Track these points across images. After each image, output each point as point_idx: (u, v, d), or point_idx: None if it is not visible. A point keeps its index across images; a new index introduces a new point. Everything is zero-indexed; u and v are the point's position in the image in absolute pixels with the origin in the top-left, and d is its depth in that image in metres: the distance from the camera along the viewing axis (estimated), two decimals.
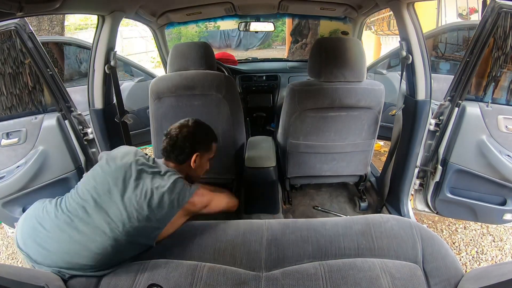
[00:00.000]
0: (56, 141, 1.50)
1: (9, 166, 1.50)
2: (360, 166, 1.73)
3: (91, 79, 1.48)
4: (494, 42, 1.37)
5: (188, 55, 1.63)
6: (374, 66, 2.57)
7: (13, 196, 1.51)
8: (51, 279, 0.86)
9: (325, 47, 1.47)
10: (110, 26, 1.42)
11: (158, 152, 1.70)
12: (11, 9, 0.83)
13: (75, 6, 1.23)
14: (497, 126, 1.43)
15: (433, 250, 0.93)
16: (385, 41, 6.12)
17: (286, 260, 0.94)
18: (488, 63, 1.42)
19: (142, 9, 1.82)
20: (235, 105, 1.62)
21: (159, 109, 1.61)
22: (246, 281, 0.87)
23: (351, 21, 2.39)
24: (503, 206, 1.53)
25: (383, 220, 1.01)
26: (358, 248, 0.94)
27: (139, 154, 1.13)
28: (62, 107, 1.48)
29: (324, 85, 1.47)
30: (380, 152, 3.17)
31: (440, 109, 1.49)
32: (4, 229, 2.06)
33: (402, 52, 1.42)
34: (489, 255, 1.85)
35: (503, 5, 1.28)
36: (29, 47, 1.38)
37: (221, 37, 10.94)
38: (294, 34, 5.98)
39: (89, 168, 1.60)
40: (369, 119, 1.56)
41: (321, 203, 1.86)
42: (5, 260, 1.99)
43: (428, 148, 1.56)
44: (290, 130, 1.57)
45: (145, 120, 2.22)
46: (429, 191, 1.61)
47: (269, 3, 2.13)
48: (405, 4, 1.35)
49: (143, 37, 9.30)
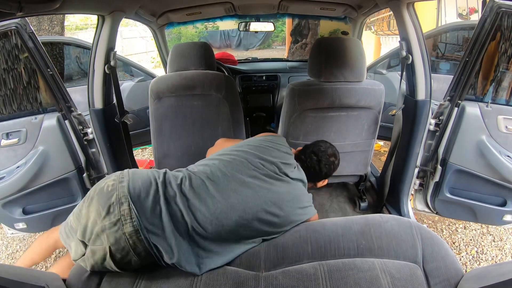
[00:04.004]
0: (56, 141, 1.50)
1: (9, 167, 1.50)
2: (360, 166, 1.73)
3: (91, 79, 1.48)
4: (493, 42, 1.37)
5: (188, 55, 1.63)
6: (374, 66, 2.57)
7: (13, 197, 1.51)
8: (51, 279, 0.86)
9: (325, 47, 1.47)
10: (110, 26, 1.42)
11: (158, 152, 1.71)
12: (11, 9, 0.83)
13: (75, 6, 1.23)
14: (497, 126, 1.43)
15: (433, 250, 0.93)
16: (385, 41, 6.11)
17: (286, 260, 0.94)
18: (487, 63, 1.42)
19: (142, 9, 1.82)
20: (235, 105, 1.62)
21: (159, 109, 1.61)
22: (245, 281, 0.87)
23: (351, 21, 2.39)
24: (503, 207, 1.52)
25: (383, 220, 1.01)
26: (358, 248, 0.94)
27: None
28: (62, 107, 1.48)
29: (324, 85, 1.47)
30: (380, 152, 3.17)
31: (440, 109, 1.49)
32: (4, 229, 2.05)
33: (402, 52, 1.42)
34: (489, 255, 1.85)
35: (501, 5, 1.28)
36: (29, 47, 1.37)
37: (221, 37, 10.94)
38: (294, 34, 5.97)
39: (89, 168, 1.60)
40: (369, 119, 1.56)
41: (321, 203, 1.86)
42: (5, 260, 1.99)
43: (428, 148, 1.56)
44: (290, 130, 1.57)
45: (145, 120, 2.23)
46: (428, 191, 1.61)
47: (269, 3, 2.13)
48: (405, 4, 1.36)
49: (143, 37, 9.32)
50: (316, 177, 1.24)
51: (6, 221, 1.60)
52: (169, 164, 1.74)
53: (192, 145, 1.68)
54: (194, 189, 0.97)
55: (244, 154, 1.08)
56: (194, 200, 0.95)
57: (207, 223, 0.93)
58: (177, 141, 1.68)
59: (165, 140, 1.68)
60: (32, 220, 1.59)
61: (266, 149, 1.11)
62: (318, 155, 1.22)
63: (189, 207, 0.94)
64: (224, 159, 1.07)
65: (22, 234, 1.91)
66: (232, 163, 1.05)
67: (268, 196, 1.00)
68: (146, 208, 0.89)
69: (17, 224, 1.59)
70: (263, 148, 1.11)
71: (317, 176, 1.24)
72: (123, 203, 0.88)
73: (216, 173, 1.01)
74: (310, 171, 1.20)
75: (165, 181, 0.97)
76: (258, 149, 1.11)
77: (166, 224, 0.90)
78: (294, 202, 1.04)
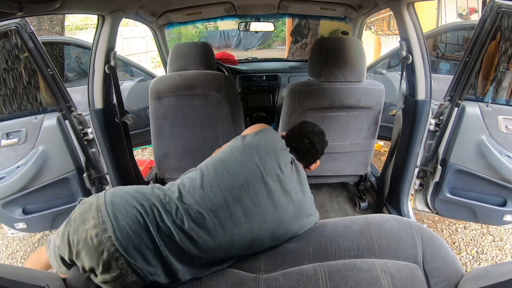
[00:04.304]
0: (56, 141, 1.50)
1: (9, 167, 1.50)
2: (360, 166, 1.73)
3: (91, 79, 1.48)
4: (493, 42, 1.37)
5: (188, 55, 1.63)
6: (374, 66, 2.57)
7: (13, 197, 1.51)
8: (52, 279, 0.86)
9: (325, 47, 1.47)
10: (110, 26, 1.42)
11: (158, 152, 1.71)
12: (11, 9, 0.83)
13: (75, 6, 1.23)
14: (497, 126, 1.43)
15: (433, 250, 0.93)
16: (385, 41, 6.11)
17: (286, 261, 0.94)
18: (487, 63, 1.42)
19: (142, 9, 1.82)
20: (235, 105, 1.62)
21: (159, 109, 1.61)
22: (245, 283, 0.87)
23: (351, 21, 2.39)
24: (503, 207, 1.52)
25: (383, 220, 1.01)
26: (358, 248, 0.94)
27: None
28: (63, 107, 1.48)
29: (324, 85, 1.47)
30: (380, 152, 3.17)
31: (440, 109, 1.49)
32: (4, 229, 2.05)
33: (402, 52, 1.42)
34: (489, 255, 1.85)
35: (501, 5, 1.28)
36: (29, 47, 1.37)
37: (221, 37, 10.94)
38: (294, 34, 5.98)
39: (89, 168, 1.60)
40: (369, 119, 1.56)
41: (321, 203, 1.86)
42: (5, 260, 1.99)
43: (428, 148, 1.55)
44: None
45: (145, 120, 2.22)
46: (429, 191, 1.61)
47: (269, 3, 2.13)
48: (405, 4, 1.35)
49: (143, 37, 9.32)
50: (311, 159, 1.19)
51: (6, 221, 1.60)
52: (169, 164, 1.74)
53: (192, 145, 1.68)
54: (196, 224, 0.88)
55: (247, 170, 0.97)
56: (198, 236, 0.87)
57: (214, 251, 0.89)
58: (177, 141, 1.68)
59: (165, 140, 1.68)
60: (32, 220, 1.59)
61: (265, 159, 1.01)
62: (309, 137, 1.16)
63: (191, 241, 0.87)
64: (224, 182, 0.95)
65: (22, 234, 1.91)
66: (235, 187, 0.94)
67: (274, 219, 0.94)
68: (144, 255, 0.83)
69: (17, 224, 1.59)
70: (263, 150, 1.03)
71: (313, 158, 1.18)
72: (118, 258, 0.81)
73: (217, 201, 0.91)
74: (305, 155, 1.15)
75: (155, 218, 0.86)
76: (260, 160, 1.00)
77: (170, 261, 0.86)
78: (300, 214, 1.01)
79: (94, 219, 0.83)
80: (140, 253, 0.83)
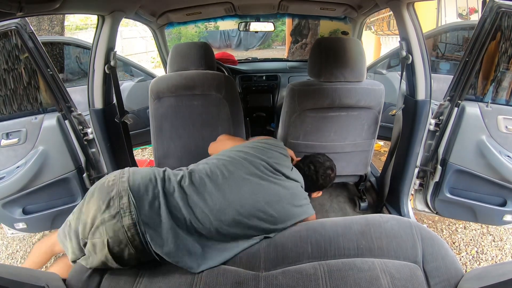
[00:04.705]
0: (56, 141, 1.50)
1: (9, 167, 1.50)
2: (360, 166, 1.73)
3: (91, 79, 1.48)
4: (493, 42, 1.37)
5: (188, 55, 1.63)
6: (374, 66, 2.57)
7: (13, 197, 1.51)
8: (51, 279, 0.86)
9: (325, 47, 1.47)
10: (110, 26, 1.42)
11: (158, 152, 1.71)
12: (11, 9, 0.83)
13: (75, 6, 1.23)
14: (497, 126, 1.43)
15: (433, 250, 0.93)
16: (385, 41, 6.11)
17: (285, 260, 0.94)
18: (487, 63, 1.42)
19: (142, 9, 1.82)
20: (235, 105, 1.62)
21: (159, 109, 1.61)
22: (245, 281, 0.87)
23: (351, 21, 2.39)
24: (503, 207, 1.52)
25: (383, 220, 1.01)
26: (358, 248, 0.94)
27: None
28: (62, 107, 1.48)
29: (324, 85, 1.47)
30: (380, 152, 3.17)
31: (440, 109, 1.49)
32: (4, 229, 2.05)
33: (402, 52, 1.42)
34: (489, 255, 1.85)
35: (501, 5, 1.28)
36: (29, 47, 1.37)
37: (221, 37, 10.95)
38: (294, 34, 5.98)
39: (89, 168, 1.60)
40: (369, 119, 1.56)
41: (321, 203, 1.86)
42: (5, 260, 1.99)
43: (428, 148, 1.56)
44: (290, 130, 1.57)
45: (145, 120, 2.22)
46: (428, 191, 1.61)
47: (269, 3, 2.13)
48: (405, 4, 1.36)
49: (143, 37, 9.33)
50: (312, 186, 1.28)
51: (6, 221, 1.60)
52: (169, 164, 1.73)
53: (192, 145, 1.68)
54: (193, 186, 0.99)
55: (243, 155, 1.12)
56: (193, 196, 0.97)
57: (206, 218, 0.95)
58: (177, 141, 1.68)
59: (165, 140, 1.68)
60: (32, 220, 1.59)
61: (263, 150, 1.15)
62: (316, 166, 1.28)
63: (188, 203, 0.96)
64: (223, 158, 1.11)
65: (22, 234, 1.91)
66: (231, 162, 1.09)
67: (264, 193, 1.03)
68: (145, 202, 0.91)
69: (17, 224, 1.59)
70: (260, 149, 1.15)
71: (313, 185, 1.28)
72: (122, 197, 0.90)
73: (215, 171, 1.04)
74: (307, 179, 1.24)
75: (164, 177, 1.00)
76: (256, 150, 1.15)
77: (165, 219, 0.91)
78: (290, 199, 1.07)
79: (116, 173, 0.98)
80: (142, 199, 0.92)
